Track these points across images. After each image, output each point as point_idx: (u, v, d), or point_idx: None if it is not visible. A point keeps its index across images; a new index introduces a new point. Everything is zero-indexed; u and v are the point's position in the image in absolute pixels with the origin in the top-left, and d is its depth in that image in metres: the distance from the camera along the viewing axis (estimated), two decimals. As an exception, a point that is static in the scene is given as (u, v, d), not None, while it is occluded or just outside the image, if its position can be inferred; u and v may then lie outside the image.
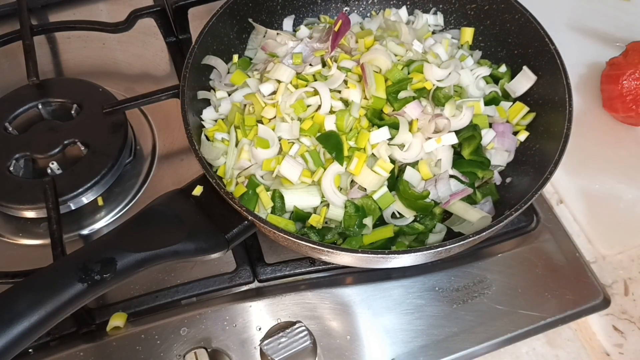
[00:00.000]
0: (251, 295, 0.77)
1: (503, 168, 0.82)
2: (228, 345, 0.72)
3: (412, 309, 0.76)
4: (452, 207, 0.75)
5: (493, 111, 0.83)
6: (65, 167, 0.85)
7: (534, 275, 0.79)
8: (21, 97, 0.91)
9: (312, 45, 0.84)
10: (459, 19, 0.93)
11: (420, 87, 0.81)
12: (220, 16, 0.83)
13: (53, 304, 0.59)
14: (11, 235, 0.83)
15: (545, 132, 0.79)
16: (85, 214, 0.85)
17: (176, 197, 0.72)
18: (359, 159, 0.74)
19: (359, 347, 0.73)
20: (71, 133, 0.87)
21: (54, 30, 1.03)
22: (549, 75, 0.80)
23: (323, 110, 0.77)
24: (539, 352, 0.76)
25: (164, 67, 1.03)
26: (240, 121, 0.79)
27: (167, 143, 0.93)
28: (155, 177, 0.89)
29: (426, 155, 0.78)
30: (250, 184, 0.74)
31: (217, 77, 0.87)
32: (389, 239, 0.73)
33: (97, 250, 0.64)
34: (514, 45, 0.86)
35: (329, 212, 0.73)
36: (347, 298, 0.76)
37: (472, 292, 0.77)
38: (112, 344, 0.73)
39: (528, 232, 0.83)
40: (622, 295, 0.80)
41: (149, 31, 1.06)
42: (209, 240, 0.68)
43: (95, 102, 0.90)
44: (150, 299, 0.76)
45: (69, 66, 1.03)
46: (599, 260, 0.82)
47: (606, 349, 0.76)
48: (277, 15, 0.93)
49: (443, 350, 0.73)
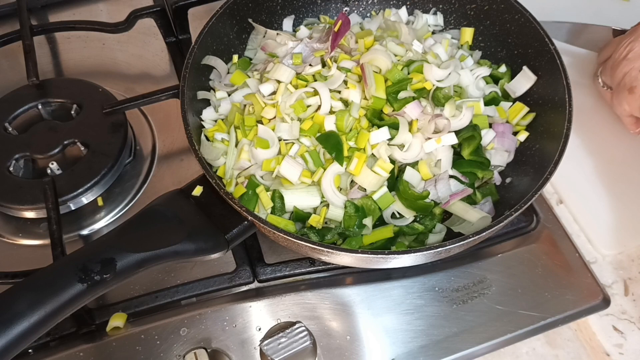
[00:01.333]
0: (251, 296, 0.77)
1: (503, 168, 0.82)
2: (228, 346, 0.72)
3: (412, 309, 0.76)
4: (452, 207, 0.75)
5: (493, 111, 0.83)
6: (65, 167, 0.85)
7: (534, 275, 0.79)
8: (21, 97, 0.91)
9: (312, 46, 0.84)
10: (458, 19, 0.93)
11: (420, 87, 0.81)
12: (220, 16, 0.83)
13: (53, 304, 0.59)
14: (11, 235, 0.83)
15: (545, 132, 0.79)
16: (85, 214, 0.85)
17: (176, 198, 0.72)
18: (358, 159, 0.74)
19: (358, 347, 0.73)
20: (71, 133, 0.87)
21: (53, 30, 1.03)
22: (549, 76, 0.80)
23: (323, 110, 0.77)
24: (539, 352, 0.76)
25: (164, 67, 1.03)
26: (240, 121, 0.79)
27: (167, 143, 0.93)
28: (155, 177, 0.89)
29: (426, 155, 0.78)
30: (250, 184, 0.74)
31: (217, 77, 0.87)
32: (389, 239, 0.73)
33: (97, 251, 0.64)
34: (514, 45, 0.86)
35: (328, 213, 0.73)
36: (347, 298, 0.76)
37: (472, 293, 0.77)
38: (112, 344, 0.73)
39: (528, 233, 0.83)
40: (622, 295, 0.80)
41: (149, 31, 1.06)
42: (208, 240, 0.68)
43: (95, 102, 0.90)
44: (150, 299, 0.76)
45: (69, 66, 1.03)
46: (599, 260, 0.82)
47: (606, 349, 0.76)
48: (277, 16, 0.93)
49: (443, 351, 0.73)
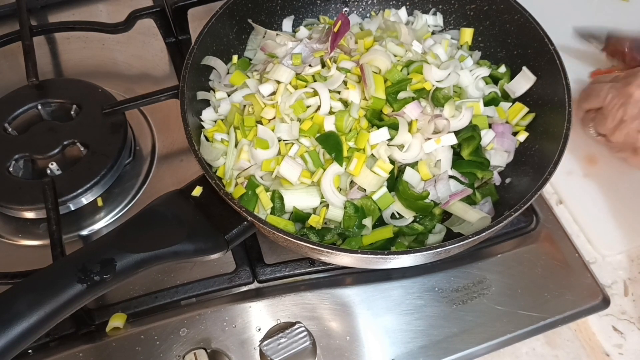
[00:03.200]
0: (251, 296, 0.77)
1: (502, 168, 0.82)
2: (227, 346, 0.72)
3: (412, 309, 0.76)
4: (451, 207, 0.75)
5: (492, 112, 0.83)
6: (64, 168, 0.85)
7: (533, 275, 0.79)
8: (21, 98, 0.91)
9: (311, 46, 0.84)
10: (458, 19, 0.93)
11: (419, 87, 0.81)
12: (220, 17, 0.83)
13: (52, 305, 0.59)
14: (11, 235, 0.83)
15: (545, 133, 0.79)
16: (85, 214, 0.85)
17: (176, 198, 0.72)
18: (358, 160, 0.74)
19: (358, 347, 0.73)
20: (71, 134, 0.87)
21: (53, 30, 1.03)
22: (549, 76, 0.80)
23: (322, 110, 0.77)
24: (538, 353, 0.76)
25: (164, 68, 1.03)
26: (239, 122, 0.79)
27: (167, 144, 0.93)
28: (154, 177, 0.89)
29: (426, 155, 0.78)
30: (250, 184, 0.74)
31: (217, 77, 0.87)
32: (389, 240, 0.73)
33: (96, 251, 0.64)
34: (514, 45, 0.86)
35: (328, 213, 0.73)
36: (346, 299, 0.76)
37: (471, 293, 0.77)
38: (112, 345, 0.73)
39: (528, 233, 0.83)
40: (622, 295, 0.80)
41: (149, 32, 1.06)
42: (208, 240, 0.68)
43: (95, 103, 0.90)
44: (150, 300, 0.76)
45: (69, 67, 1.03)
46: (598, 260, 0.82)
47: (606, 349, 0.76)
48: (277, 16, 0.93)
49: (443, 351, 0.73)
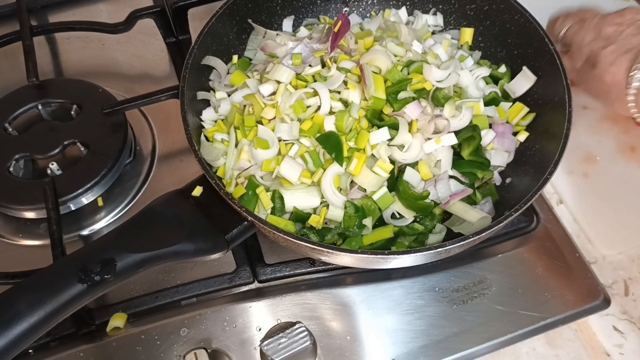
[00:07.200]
0: (251, 296, 0.77)
1: (503, 168, 0.82)
2: (228, 346, 0.72)
3: (412, 309, 0.76)
4: (451, 207, 0.75)
5: (493, 112, 0.83)
6: (65, 168, 0.85)
7: (534, 275, 0.79)
8: (21, 98, 0.91)
9: (311, 46, 0.84)
10: (458, 19, 0.93)
11: (419, 87, 0.81)
12: (220, 17, 0.83)
13: (53, 305, 0.59)
14: (11, 235, 0.83)
15: (545, 133, 0.79)
16: (85, 214, 0.85)
17: (176, 198, 0.72)
18: (358, 160, 0.74)
19: (359, 347, 0.73)
20: (71, 133, 0.87)
21: (53, 30, 1.03)
22: (549, 76, 0.80)
23: (323, 111, 0.77)
24: (539, 353, 0.76)
25: (164, 68, 1.03)
26: (239, 122, 0.79)
27: (167, 144, 0.93)
28: (155, 177, 0.89)
29: (426, 155, 0.78)
30: (250, 184, 0.74)
31: (217, 77, 0.87)
32: (389, 240, 0.73)
33: (96, 251, 0.64)
34: (514, 45, 0.86)
35: (328, 213, 0.73)
36: (347, 298, 0.76)
37: (472, 293, 0.77)
38: (112, 345, 0.73)
39: (528, 233, 0.83)
40: (623, 295, 0.80)
41: (149, 32, 1.06)
42: (208, 240, 0.68)
43: (95, 103, 0.90)
44: (150, 300, 0.76)
45: (69, 67, 1.03)
46: (599, 260, 0.82)
47: (606, 349, 0.76)
48: (277, 16, 0.93)
49: (443, 351, 0.73)
